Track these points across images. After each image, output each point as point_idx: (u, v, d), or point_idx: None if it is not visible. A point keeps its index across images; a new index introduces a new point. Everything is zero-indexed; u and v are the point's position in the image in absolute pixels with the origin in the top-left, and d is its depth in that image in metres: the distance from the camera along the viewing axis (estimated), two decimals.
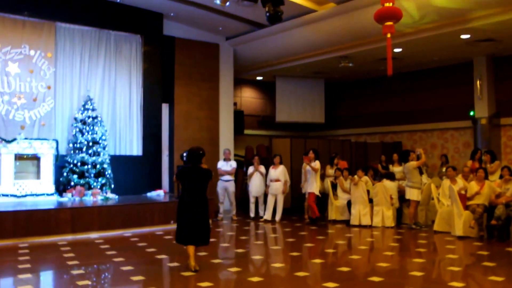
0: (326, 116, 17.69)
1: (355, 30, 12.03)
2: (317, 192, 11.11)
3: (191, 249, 6.47)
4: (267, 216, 11.58)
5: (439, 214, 9.82)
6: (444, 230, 9.59)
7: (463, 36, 11.63)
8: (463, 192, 9.38)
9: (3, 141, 10.60)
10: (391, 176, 10.98)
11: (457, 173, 10.05)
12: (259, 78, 17.64)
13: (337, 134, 18.25)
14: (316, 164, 11.12)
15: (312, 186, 11.12)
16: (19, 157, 10.81)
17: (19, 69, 11.15)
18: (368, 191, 10.78)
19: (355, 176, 11.02)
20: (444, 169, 11.67)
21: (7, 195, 10.47)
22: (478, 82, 14.07)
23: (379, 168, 12.28)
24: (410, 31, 11.41)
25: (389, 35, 8.72)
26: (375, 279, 6.00)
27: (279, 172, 11.57)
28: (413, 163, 10.04)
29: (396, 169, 11.74)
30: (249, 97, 18.17)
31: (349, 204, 10.98)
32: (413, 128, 16.34)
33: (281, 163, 11.70)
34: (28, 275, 6.30)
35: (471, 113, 14.29)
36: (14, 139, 10.72)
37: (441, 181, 10.75)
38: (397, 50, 12.76)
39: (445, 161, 12.53)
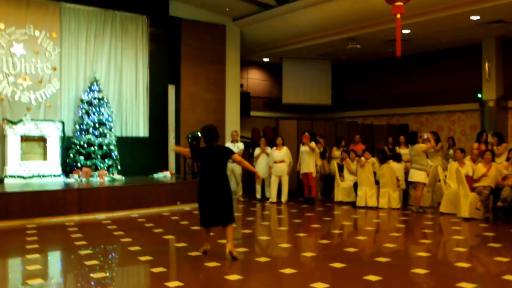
0: (333, 98, 17.61)
1: (364, 11, 11.91)
2: (314, 173, 11.34)
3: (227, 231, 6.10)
4: (272, 197, 11.59)
5: (446, 196, 9.81)
6: (450, 212, 9.59)
7: (473, 18, 11.49)
8: (470, 174, 9.36)
9: (9, 123, 10.60)
10: (398, 158, 10.91)
11: (465, 155, 10.00)
12: (265, 59, 17.55)
13: (343, 116, 18.19)
14: (313, 144, 11.27)
15: (309, 166, 11.18)
16: (25, 139, 10.83)
17: (24, 50, 11.12)
18: (374, 173, 10.76)
19: (362, 158, 10.99)
20: (451, 152, 11.62)
21: (14, 176, 10.51)
22: (486, 64, 13.94)
23: (386, 150, 12.23)
24: (420, 12, 11.28)
25: (398, 16, 8.63)
26: (382, 259, 6.00)
27: (283, 153, 11.55)
28: (421, 146, 9.97)
29: (403, 151, 11.68)
30: (255, 79, 18.11)
31: (355, 185, 10.97)
32: (420, 111, 16.27)
33: (283, 144, 11.68)
34: (37, 255, 6.34)
35: (479, 96, 14.18)
36: (20, 121, 10.72)
37: (447, 164, 10.72)
38: (405, 31, 12.62)
39: (451, 144, 12.46)
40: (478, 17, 11.44)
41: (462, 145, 14.02)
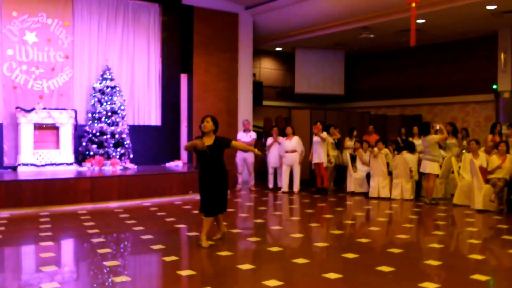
0: (346, 88, 17.51)
1: (378, 0, 11.77)
2: (326, 163, 11.32)
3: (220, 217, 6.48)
4: (284, 187, 11.57)
5: (459, 188, 9.73)
6: (463, 204, 9.52)
7: (489, 7, 11.32)
8: (484, 165, 9.26)
9: (22, 111, 10.65)
10: (412, 148, 10.77)
11: (479, 146, 9.89)
12: (278, 49, 17.47)
13: (356, 106, 18.10)
14: (324, 134, 11.20)
15: (321, 156, 11.14)
16: (38, 127, 10.87)
17: (37, 38, 11.13)
18: (387, 164, 10.69)
19: (375, 149, 10.91)
20: (464, 143, 11.51)
21: (27, 165, 10.56)
22: (502, 55, 13.76)
23: (399, 141, 12.15)
24: (435, 1, 11.14)
25: (413, 5, 8.53)
26: (394, 250, 5.97)
27: (294, 142, 11.51)
28: (434, 137, 9.86)
29: (416, 142, 11.58)
30: (268, 68, 18.03)
31: (368, 176, 10.91)
32: (433, 101, 16.12)
33: (294, 133, 11.63)
34: (50, 243, 6.38)
35: (494, 86, 14.01)
36: (33, 109, 10.76)
37: (461, 155, 10.62)
38: (420, 21, 12.48)
39: (465, 135, 12.34)
40: (494, 6, 11.26)
41: (476, 136, 13.86)
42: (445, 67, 15.81)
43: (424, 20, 12.55)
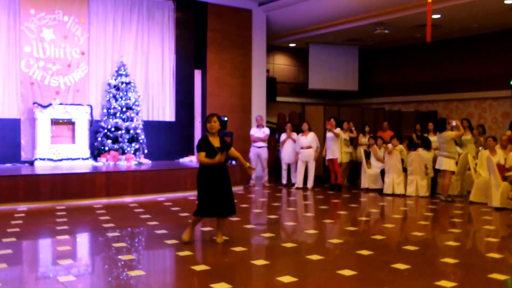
0: (360, 84, 17.42)
1: None
2: (340, 159, 11.29)
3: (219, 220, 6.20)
4: (299, 183, 11.56)
5: (476, 185, 9.62)
6: (480, 201, 9.41)
7: (507, 1, 11.17)
8: (502, 162, 9.15)
9: (39, 106, 10.77)
10: (427, 145, 10.68)
11: (496, 143, 9.78)
12: (292, 45, 17.42)
13: (370, 102, 18.00)
14: (337, 130, 11.18)
15: (335, 152, 11.13)
16: (55, 122, 10.99)
17: (54, 35, 11.23)
18: (402, 160, 10.62)
19: (389, 145, 10.85)
20: (481, 139, 11.39)
21: (43, 159, 10.69)
22: None
23: (413, 138, 12.06)
24: None
25: (429, 0, 8.44)
26: (410, 248, 5.93)
27: (310, 138, 11.47)
28: (450, 133, 9.76)
29: (432, 138, 11.49)
30: (281, 64, 18.00)
31: (382, 172, 10.85)
32: (449, 97, 15.98)
33: (310, 129, 11.60)
34: (66, 237, 6.45)
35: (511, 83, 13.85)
36: (50, 105, 10.86)
37: (478, 151, 10.51)
38: (435, 16, 12.37)
39: (482, 131, 12.23)
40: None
41: (493, 133, 13.76)
42: (461, 62, 15.65)
43: (439, 15, 12.44)
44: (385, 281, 4.69)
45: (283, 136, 12.03)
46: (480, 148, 10.90)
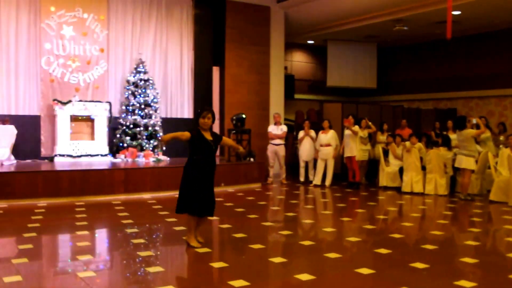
0: (378, 81, 17.31)
1: None
2: (358, 156, 11.23)
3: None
4: (317, 180, 11.53)
5: (496, 184, 9.49)
6: (500, 200, 9.28)
7: None
8: None
9: (59, 103, 10.89)
10: (449, 143, 10.56)
11: None
12: (310, 42, 17.37)
13: (389, 100, 17.87)
14: (356, 128, 11.13)
15: (353, 150, 11.13)
16: (74, 119, 11.11)
17: (73, 32, 11.34)
18: (421, 158, 10.53)
19: (407, 143, 10.76)
20: (501, 138, 11.24)
21: (63, 155, 10.81)
22: None
23: (432, 136, 11.94)
24: None
25: None
26: (428, 247, 5.88)
27: (329, 136, 11.44)
28: (471, 131, 9.63)
29: (451, 136, 11.38)
30: (299, 61, 17.97)
31: (401, 170, 10.77)
32: (469, 95, 15.79)
33: (330, 127, 11.56)
34: (85, 232, 6.52)
35: None
36: (69, 101, 10.98)
37: (498, 150, 10.37)
38: (455, 12, 12.22)
39: (502, 130, 12.08)
40: None
41: None
42: (481, 59, 15.46)
43: (460, 12, 12.30)
44: (403, 280, 4.65)
45: (301, 134, 12.00)
46: (500, 146, 10.76)
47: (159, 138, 5.19)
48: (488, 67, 15.26)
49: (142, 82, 11.70)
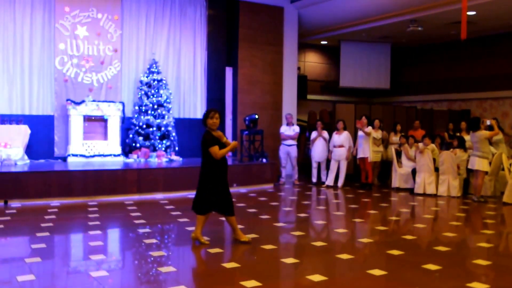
0: (392, 82, 17.21)
1: None
2: (371, 158, 11.17)
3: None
4: (329, 181, 11.50)
5: (510, 186, 9.39)
6: None
7: None
8: None
9: (72, 103, 10.97)
10: (463, 144, 10.47)
11: None
12: (323, 42, 17.33)
13: (402, 100, 17.77)
14: (368, 129, 11.09)
15: (366, 151, 11.07)
16: (87, 119, 11.18)
17: (87, 32, 11.42)
18: (434, 160, 10.46)
19: (420, 144, 10.70)
20: None
21: (76, 155, 10.89)
22: None
23: (445, 137, 11.87)
24: None
25: None
26: (441, 248, 5.84)
27: (343, 137, 11.40)
28: (485, 133, 9.54)
29: (465, 137, 11.29)
30: (312, 62, 17.92)
31: (413, 172, 10.71)
32: (483, 96, 15.65)
33: (345, 128, 11.52)
34: (98, 232, 6.56)
35: None
36: (83, 101, 11.06)
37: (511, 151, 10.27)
38: (470, 13, 12.10)
39: None
40: None
41: None
42: (495, 60, 15.31)
43: (474, 12, 12.18)
44: (416, 282, 4.63)
45: (314, 134, 11.97)
46: None
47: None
48: (503, 68, 15.11)
49: (155, 82, 11.75)
